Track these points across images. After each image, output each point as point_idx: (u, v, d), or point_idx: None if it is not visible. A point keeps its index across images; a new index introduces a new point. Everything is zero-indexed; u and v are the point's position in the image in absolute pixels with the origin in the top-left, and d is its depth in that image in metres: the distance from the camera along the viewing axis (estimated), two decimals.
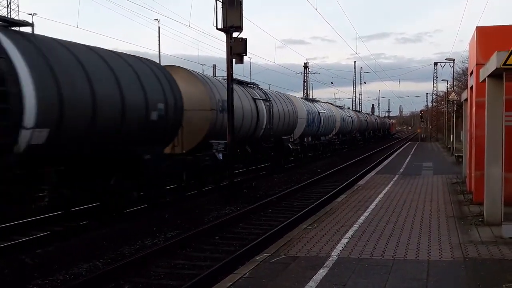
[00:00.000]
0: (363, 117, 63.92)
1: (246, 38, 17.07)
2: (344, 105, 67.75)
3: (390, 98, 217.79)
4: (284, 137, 26.36)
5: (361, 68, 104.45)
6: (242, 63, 17.50)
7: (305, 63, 71.71)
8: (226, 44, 17.03)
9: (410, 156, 35.30)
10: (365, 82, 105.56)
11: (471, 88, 14.02)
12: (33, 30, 10.40)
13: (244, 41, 17.06)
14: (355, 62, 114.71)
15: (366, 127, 63.63)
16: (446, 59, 51.16)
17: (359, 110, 78.72)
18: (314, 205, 15.45)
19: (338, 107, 48.91)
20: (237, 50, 17.00)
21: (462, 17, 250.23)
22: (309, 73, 71.37)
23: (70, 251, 9.84)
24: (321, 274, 6.95)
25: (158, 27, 76.30)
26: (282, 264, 7.53)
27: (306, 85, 70.44)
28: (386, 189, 16.39)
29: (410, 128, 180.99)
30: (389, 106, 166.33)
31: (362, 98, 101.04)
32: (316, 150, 35.76)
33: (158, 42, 67.37)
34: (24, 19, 10.79)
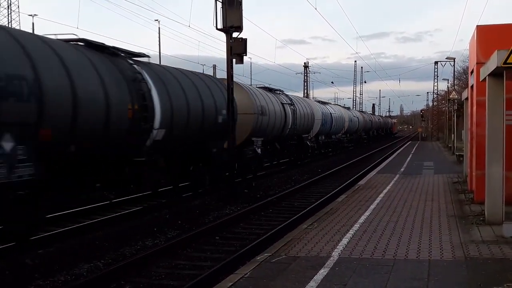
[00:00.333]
0: (368, 117, 66.98)
1: (246, 38, 17.12)
2: (344, 104, 68.12)
3: (391, 97, 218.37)
4: (303, 135, 30.27)
5: (361, 67, 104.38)
6: (242, 63, 17.55)
7: (305, 63, 71.78)
8: (226, 44, 17.04)
9: (411, 155, 35.26)
10: (365, 82, 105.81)
11: (472, 87, 14.00)
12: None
13: (244, 41, 17.07)
14: (356, 61, 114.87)
15: (371, 127, 66.78)
16: (446, 58, 51.30)
17: (364, 111, 79.82)
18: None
19: (346, 109, 52.21)
20: (237, 50, 17.01)
21: (462, 16, 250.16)
22: (309, 73, 71.46)
23: (71, 252, 9.84)
24: (321, 274, 6.95)
25: (158, 28, 76.48)
26: (283, 264, 7.52)
27: (306, 85, 70.51)
28: (387, 188, 16.38)
29: (411, 127, 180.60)
30: (389, 106, 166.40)
31: (362, 98, 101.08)
32: (328, 147, 39.32)
33: (158, 43, 67.53)
34: (141, 52, 14.27)
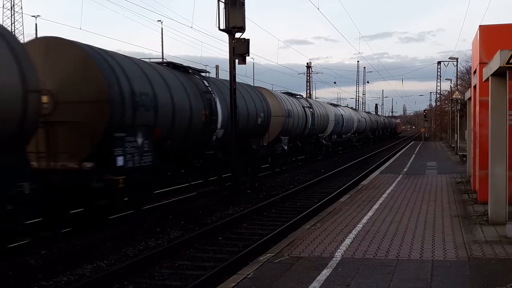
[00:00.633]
0: (374, 118, 69.88)
1: (249, 39, 17.10)
2: (347, 105, 68.43)
3: (394, 97, 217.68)
4: (320, 134, 33.90)
5: (364, 67, 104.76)
6: (245, 64, 17.56)
7: (308, 63, 71.70)
8: (229, 44, 17.03)
9: (414, 155, 35.20)
10: (368, 82, 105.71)
11: (475, 87, 13.98)
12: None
13: (246, 41, 17.06)
14: (358, 61, 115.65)
15: (376, 127, 69.44)
16: (449, 58, 51.00)
17: (370, 112, 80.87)
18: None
19: (355, 110, 56.12)
20: (239, 50, 17.00)
21: (465, 16, 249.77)
22: (312, 73, 71.44)
23: (74, 252, 9.85)
24: (324, 274, 6.95)
25: (161, 28, 76.70)
26: (286, 264, 7.52)
27: (309, 85, 70.46)
28: (390, 188, 16.36)
29: (414, 127, 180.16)
30: (392, 106, 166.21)
31: (365, 98, 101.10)
32: (339, 146, 42.50)
33: (161, 43, 67.62)
34: (203, 69, 17.92)
